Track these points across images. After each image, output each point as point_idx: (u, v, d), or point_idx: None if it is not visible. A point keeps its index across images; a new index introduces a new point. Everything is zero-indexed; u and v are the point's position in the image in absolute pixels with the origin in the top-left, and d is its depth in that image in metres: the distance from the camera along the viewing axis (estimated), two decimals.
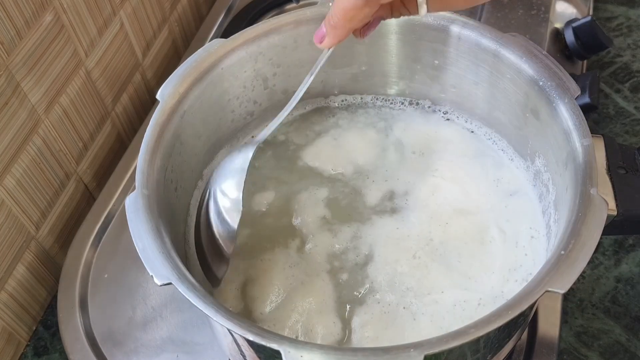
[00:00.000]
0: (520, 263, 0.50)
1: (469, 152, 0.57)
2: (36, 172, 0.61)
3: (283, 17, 0.56)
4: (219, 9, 0.87)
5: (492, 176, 0.55)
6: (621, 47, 0.81)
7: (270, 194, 0.56)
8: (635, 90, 0.77)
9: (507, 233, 0.52)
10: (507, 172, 0.55)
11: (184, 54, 0.85)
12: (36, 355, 0.61)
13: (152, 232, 0.43)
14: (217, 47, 0.54)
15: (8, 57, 0.55)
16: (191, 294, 0.40)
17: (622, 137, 0.72)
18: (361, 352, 0.37)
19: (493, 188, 0.55)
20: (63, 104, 0.64)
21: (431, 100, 0.60)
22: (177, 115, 0.51)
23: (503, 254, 0.51)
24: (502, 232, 0.52)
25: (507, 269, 0.50)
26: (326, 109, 0.62)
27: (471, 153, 0.57)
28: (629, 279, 0.60)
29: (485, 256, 0.51)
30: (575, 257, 0.39)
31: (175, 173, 0.51)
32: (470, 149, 0.57)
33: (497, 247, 0.51)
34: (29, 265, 0.62)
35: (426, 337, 0.37)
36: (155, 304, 0.59)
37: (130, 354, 0.56)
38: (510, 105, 0.53)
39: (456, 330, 0.37)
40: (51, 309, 0.64)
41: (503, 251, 0.51)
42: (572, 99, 0.47)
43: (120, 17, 0.71)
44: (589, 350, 0.57)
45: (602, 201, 0.42)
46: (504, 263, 0.50)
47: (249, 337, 0.38)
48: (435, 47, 0.56)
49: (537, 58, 0.49)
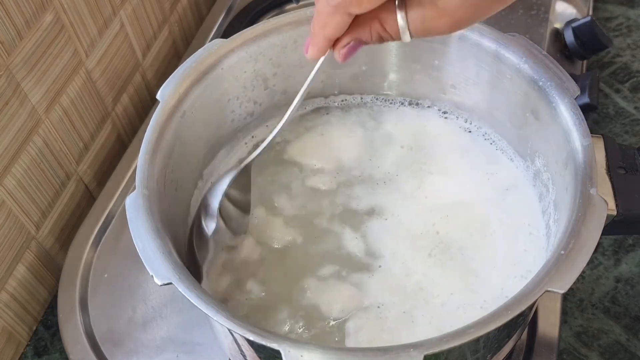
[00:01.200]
0: (520, 259, 0.50)
1: (465, 149, 0.57)
2: (36, 172, 0.61)
3: (283, 17, 0.56)
4: (219, 9, 0.87)
5: (485, 170, 0.55)
6: (621, 47, 0.82)
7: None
8: (634, 90, 0.77)
9: (506, 225, 0.52)
10: (505, 170, 0.55)
11: (184, 54, 0.85)
12: (36, 355, 0.61)
13: (152, 232, 0.43)
14: (217, 48, 0.54)
15: (8, 57, 0.55)
16: (191, 294, 0.40)
17: (622, 137, 0.72)
18: (361, 352, 0.37)
19: (488, 182, 0.55)
20: (63, 104, 0.64)
21: (431, 100, 0.60)
22: (177, 116, 0.51)
23: (504, 249, 0.51)
24: (502, 224, 0.52)
25: (508, 263, 0.50)
26: (326, 109, 0.62)
27: (468, 150, 0.57)
28: (628, 279, 0.61)
29: (487, 250, 0.51)
30: (575, 257, 0.39)
31: (176, 173, 0.51)
32: (467, 146, 0.58)
33: (499, 239, 0.51)
34: (29, 265, 0.62)
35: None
36: (156, 304, 0.59)
37: (130, 353, 0.56)
38: (510, 105, 0.53)
39: (456, 330, 0.37)
40: (51, 309, 0.64)
41: (504, 245, 0.51)
42: (571, 99, 0.47)
43: (121, 18, 0.71)
44: (588, 350, 0.57)
45: (602, 201, 0.42)
46: (506, 257, 0.50)
47: (250, 337, 0.38)
48: (435, 47, 0.56)
49: (537, 58, 0.49)
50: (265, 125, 0.61)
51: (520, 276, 0.49)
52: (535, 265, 0.48)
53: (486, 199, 0.54)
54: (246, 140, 0.60)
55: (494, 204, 0.54)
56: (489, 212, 0.53)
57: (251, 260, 0.52)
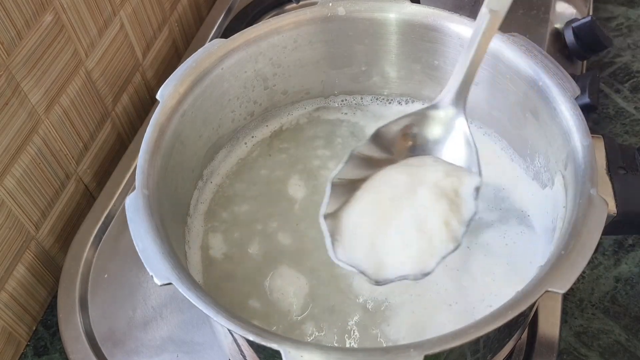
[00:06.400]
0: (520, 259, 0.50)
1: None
2: (36, 172, 0.61)
3: (283, 17, 0.56)
4: (219, 9, 0.87)
5: (485, 170, 0.55)
6: (621, 47, 0.82)
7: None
8: (635, 90, 0.77)
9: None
10: (505, 170, 0.55)
11: (184, 54, 0.85)
12: (36, 355, 0.61)
13: (152, 232, 0.43)
14: (217, 47, 0.54)
15: (8, 57, 0.55)
16: (191, 294, 0.40)
17: (622, 137, 0.72)
18: (361, 352, 0.37)
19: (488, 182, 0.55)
20: (63, 104, 0.64)
21: (431, 100, 0.60)
22: (177, 116, 0.51)
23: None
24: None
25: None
26: (326, 109, 0.62)
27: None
28: (628, 279, 0.61)
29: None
30: (575, 257, 0.39)
31: (176, 173, 0.51)
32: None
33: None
34: (29, 266, 0.62)
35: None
36: (156, 304, 0.59)
37: (130, 353, 0.56)
38: (510, 105, 0.53)
39: (456, 330, 0.37)
40: (51, 309, 0.64)
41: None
42: (572, 99, 0.47)
43: (121, 18, 0.71)
44: (588, 350, 0.57)
45: (602, 201, 0.42)
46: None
47: (249, 337, 0.38)
48: (435, 47, 0.56)
49: (537, 58, 0.49)
50: (265, 125, 0.61)
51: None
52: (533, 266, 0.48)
53: (486, 199, 0.54)
54: (246, 140, 0.60)
55: (494, 203, 0.54)
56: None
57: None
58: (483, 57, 0.48)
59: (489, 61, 0.52)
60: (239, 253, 0.53)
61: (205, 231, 0.54)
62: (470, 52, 0.47)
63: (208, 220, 0.55)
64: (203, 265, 0.52)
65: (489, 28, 0.47)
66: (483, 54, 0.47)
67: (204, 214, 0.55)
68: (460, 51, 0.54)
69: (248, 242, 0.53)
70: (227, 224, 0.55)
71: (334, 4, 0.56)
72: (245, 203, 0.56)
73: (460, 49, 0.54)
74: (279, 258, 0.52)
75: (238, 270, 0.52)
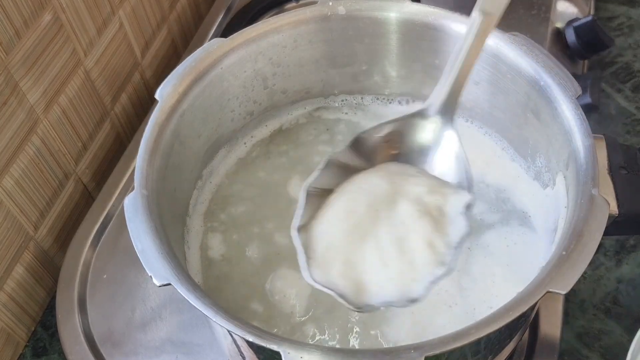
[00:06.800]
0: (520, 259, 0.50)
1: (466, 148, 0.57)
2: (35, 172, 0.61)
3: (283, 16, 0.56)
4: (219, 9, 0.87)
5: (486, 170, 0.55)
6: (622, 46, 0.81)
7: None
8: (636, 90, 0.76)
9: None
10: (506, 170, 0.55)
11: (183, 53, 0.85)
12: (35, 355, 0.61)
13: (151, 233, 0.43)
14: (217, 47, 0.53)
15: (7, 57, 0.55)
16: (190, 295, 0.39)
17: (624, 137, 0.72)
18: (361, 353, 0.37)
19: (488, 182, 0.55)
20: (62, 103, 0.64)
21: None
22: (176, 115, 0.50)
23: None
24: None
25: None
26: (326, 108, 0.62)
27: (469, 149, 0.57)
28: (630, 280, 0.60)
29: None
30: (577, 257, 0.39)
31: (175, 173, 0.51)
32: (468, 146, 0.57)
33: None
34: (27, 266, 0.62)
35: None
36: (155, 305, 0.59)
37: (129, 354, 0.56)
38: (511, 105, 0.53)
39: (457, 331, 0.37)
40: (50, 310, 0.64)
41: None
42: (573, 98, 0.47)
43: (120, 17, 0.71)
44: (590, 351, 0.56)
45: (604, 201, 0.41)
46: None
47: (249, 338, 0.37)
48: (435, 46, 0.55)
49: (538, 58, 0.49)
50: (265, 125, 0.60)
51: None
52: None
53: (487, 200, 0.54)
54: (245, 140, 0.60)
55: (495, 205, 0.53)
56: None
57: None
58: (474, 62, 0.45)
59: (490, 61, 0.52)
60: (239, 254, 0.53)
61: (204, 231, 0.54)
62: (459, 58, 0.45)
63: (207, 221, 0.55)
64: (202, 266, 0.52)
65: (480, 32, 0.44)
66: (474, 60, 0.45)
67: (203, 214, 0.55)
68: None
69: (248, 243, 0.53)
70: (226, 224, 0.55)
71: (334, 3, 0.55)
72: (244, 203, 0.56)
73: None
74: (278, 259, 0.52)
75: (237, 271, 0.52)
